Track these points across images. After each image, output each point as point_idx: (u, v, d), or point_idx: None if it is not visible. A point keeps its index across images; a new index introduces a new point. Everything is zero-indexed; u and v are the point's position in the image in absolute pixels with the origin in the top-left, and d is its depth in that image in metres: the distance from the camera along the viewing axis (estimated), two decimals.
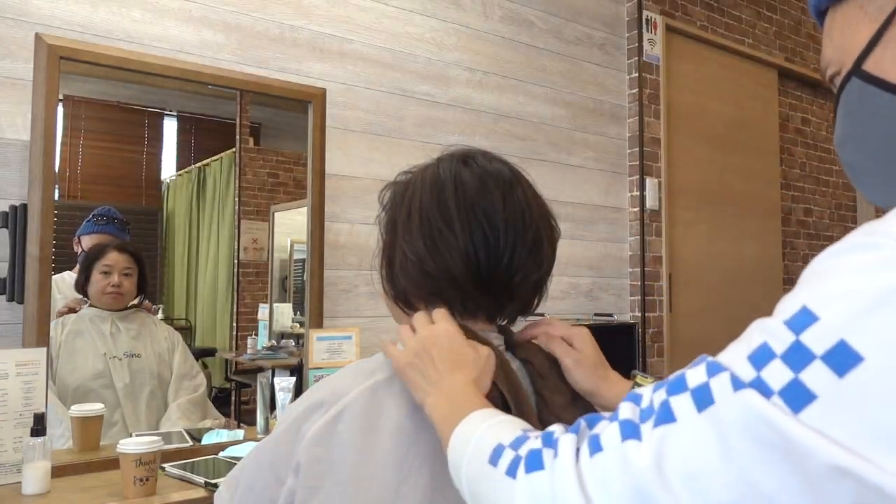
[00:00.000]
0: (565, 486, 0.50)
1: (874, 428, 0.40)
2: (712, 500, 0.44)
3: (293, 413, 0.79)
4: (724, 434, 0.44)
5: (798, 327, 0.43)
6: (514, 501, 0.54)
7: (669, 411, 0.47)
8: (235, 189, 2.11)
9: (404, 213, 0.85)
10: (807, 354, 0.42)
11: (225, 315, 2.13)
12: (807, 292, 0.45)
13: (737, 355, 0.46)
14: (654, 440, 0.47)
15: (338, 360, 1.93)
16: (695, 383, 0.47)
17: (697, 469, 0.44)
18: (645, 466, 0.46)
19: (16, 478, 1.41)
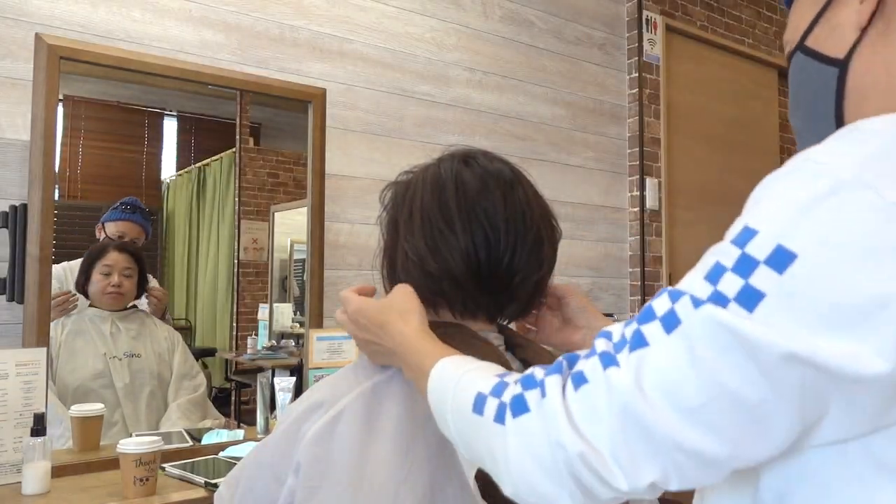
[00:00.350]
0: (556, 423, 0.53)
1: (815, 314, 0.47)
2: (689, 405, 0.49)
3: (293, 413, 0.79)
4: (692, 346, 0.49)
5: (742, 243, 0.50)
6: (507, 446, 0.56)
7: (642, 337, 0.52)
8: (235, 189, 2.11)
9: (405, 212, 0.85)
10: (752, 262, 0.49)
11: (225, 315, 2.13)
12: (748, 216, 0.52)
13: (694, 279, 0.53)
14: (632, 364, 0.51)
15: (338, 360, 1.93)
16: (661, 311, 0.52)
17: (673, 381, 0.50)
18: (627, 388, 0.51)
19: (16, 478, 1.41)
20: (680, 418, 0.49)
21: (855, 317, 0.46)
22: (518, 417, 0.56)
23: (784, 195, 0.50)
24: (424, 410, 0.77)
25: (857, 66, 0.62)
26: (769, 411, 0.48)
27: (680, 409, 0.49)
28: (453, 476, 0.75)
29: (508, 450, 0.56)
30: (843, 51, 0.63)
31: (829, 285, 0.47)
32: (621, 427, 0.51)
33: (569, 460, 0.52)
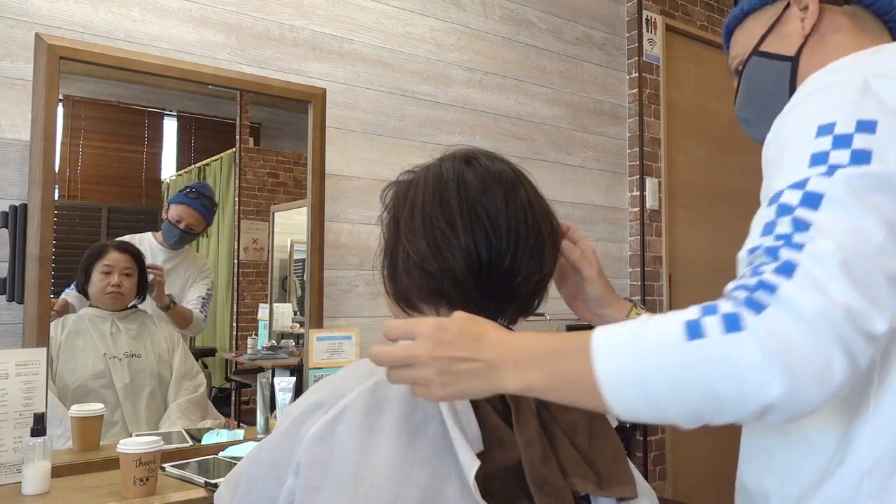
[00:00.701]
0: (804, 300, 0.55)
1: None
2: (876, 240, 0.58)
3: (293, 413, 0.79)
4: (846, 202, 0.59)
5: (828, 132, 0.63)
6: (754, 350, 0.54)
7: (800, 221, 0.59)
8: (235, 189, 2.11)
9: (406, 212, 0.85)
10: (847, 137, 0.62)
11: (225, 315, 2.13)
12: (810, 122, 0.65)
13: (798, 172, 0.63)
14: (815, 235, 0.58)
15: (338, 360, 1.93)
16: (795, 201, 0.61)
17: (852, 228, 0.58)
18: (831, 247, 0.57)
19: (16, 478, 1.41)
20: (877, 254, 0.57)
21: None
22: (761, 314, 0.55)
23: (833, 97, 0.64)
24: (425, 410, 0.77)
25: (804, 62, 0.85)
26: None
27: (873, 247, 0.57)
28: (453, 476, 0.75)
29: (762, 349, 0.54)
30: (793, 51, 0.87)
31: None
32: (852, 280, 0.55)
33: (836, 325, 0.54)
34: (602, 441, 0.85)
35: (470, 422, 0.77)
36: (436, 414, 0.77)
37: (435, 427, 0.76)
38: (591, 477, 0.82)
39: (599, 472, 0.83)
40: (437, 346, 0.65)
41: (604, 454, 0.84)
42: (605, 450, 0.85)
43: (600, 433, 0.86)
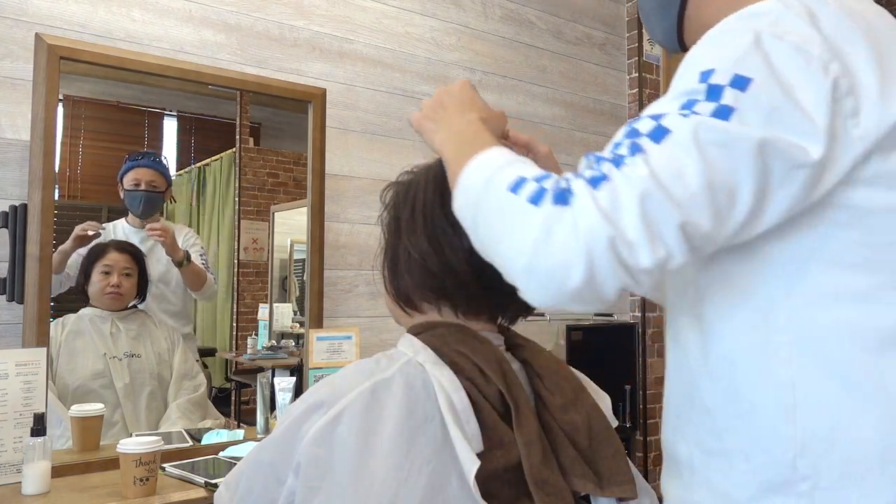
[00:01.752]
0: (587, 213, 0.58)
1: (774, 116, 0.61)
2: (691, 190, 0.59)
3: (293, 413, 0.79)
4: (686, 145, 0.60)
5: (706, 79, 0.63)
6: (536, 225, 0.60)
7: (638, 146, 0.61)
8: (235, 189, 2.11)
9: (407, 212, 0.85)
10: (719, 88, 0.62)
11: (225, 315, 2.13)
12: (694, 65, 0.66)
13: (669, 108, 0.63)
14: (640, 161, 0.60)
15: (338, 360, 1.93)
16: (647, 128, 0.63)
17: (677, 170, 0.59)
18: (644, 178, 0.59)
19: (16, 478, 1.41)
20: (685, 200, 0.59)
21: (799, 117, 0.61)
22: (556, 205, 0.60)
23: (718, 50, 0.65)
24: (425, 410, 0.77)
25: None
26: (739, 194, 0.60)
27: (685, 194, 0.59)
28: (453, 476, 0.75)
29: (534, 229, 0.60)
30: None
31: (779, 97, 0.61)
32: (642, 212, 0.58)
33: (595, 245, 0.58)
34: (602, 441, 0.85)
35: (470, 422, 0.77)
36: (436, 414, 0.77)
37: (435, 427, 0.76)
38: (591, 477, 0.82)
39: (599, 472, 0.83)
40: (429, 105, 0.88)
41: (604, 454, 0.84)
42: (605, 450, 0.85)
43: (600, 433, 0.86)
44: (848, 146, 0.62)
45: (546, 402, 0.85)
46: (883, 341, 0.64)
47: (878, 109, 0.62)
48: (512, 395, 0.81)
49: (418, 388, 0.79)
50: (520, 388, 0.82)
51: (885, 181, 0.64)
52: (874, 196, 0.64)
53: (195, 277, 1.97)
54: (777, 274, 0.67)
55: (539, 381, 0.86)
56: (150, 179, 1.92)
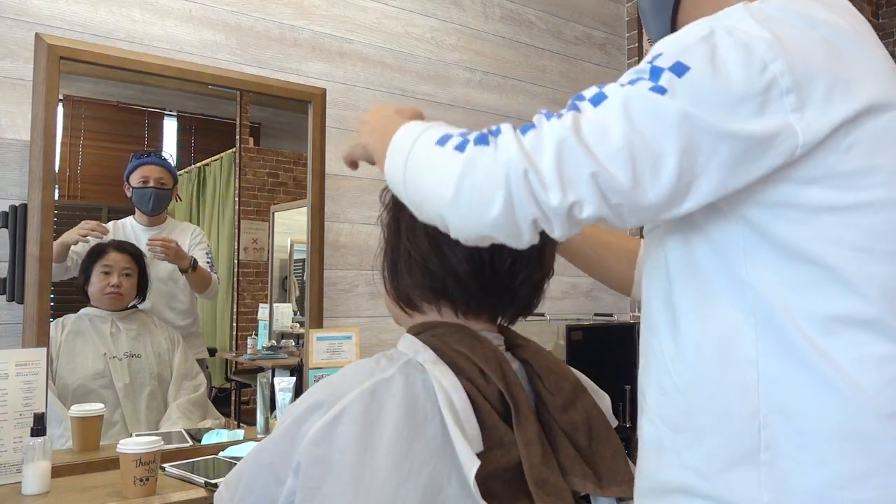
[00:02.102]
0: (508, 149, 0.65)
1: (705, 99, 0.65)
2: (611, 145, 0.64)
3: (293, 413, 0.79)
4: (617, 109, 0.65)
5: (652, 60, 0.68)
6: (462, 165, 0.67)
7: (576, 107, 0.68)
8: (235, 189, 2.11)
9: (407, 212, 0.85)
10: (660, 70, 0.67)
11: (225, 315, 2.13)
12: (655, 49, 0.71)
13: (614, 84, 0.68)
14: (569, 117, 0.66)
15: (338, 360, 1.93)
16: (590, 94, 0.68)
17: (601, 127, 0.65)
18: (566, 128, 0.65)
19: (16, 478, 1.41)
20: (602, 154, 0.64)
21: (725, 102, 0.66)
22: (478, 146, 0.67)
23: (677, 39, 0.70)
24: (425, 410, 0.77)
25: None
26: (663, 161, 0.64)
27: (603, 148, 0.64)
28: (453, 476, 0.75)
29: (458, 166, 0.67)
30: None
31: (712, 86, 0.66)
32: (557, 155, 0.64)
33: (512, 175, 0.64)
34: (602, 441, 0.85)
35: (470, 422, 0.77)
36: (436, 414, 0.77)
37: (435, 427, 0.76)
38: (591, 477, 0.82)
39: (599, 472, 0.83)
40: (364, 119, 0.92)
41: (603, 454, 0.84)
42: (604, 450, 0.85)
43: (600, 433, 0.86)
44: (788, 134, 0.66)
45: (546, 402, 0.85)
46: (830, 327, 0.69)
47: (821, 110, 0.67)
48: (512, 394, 0.81)
49: (418, 388, 0.79)
50: (520, 388, 0.82)
51: (836, 182, 0.68)
52: (826, 195, 0.68)
53: (200, 281, 1.97)
54: (737, 260, 0.72)
55: (539, 380, 0.86)
56: (158, 177, 1.93)
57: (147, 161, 1.91)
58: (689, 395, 0.75)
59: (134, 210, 1.91)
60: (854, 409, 0.67)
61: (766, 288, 0.70)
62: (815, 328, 0.69)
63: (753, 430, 0.70)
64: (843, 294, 0.69)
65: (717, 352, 0.73)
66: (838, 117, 0.67)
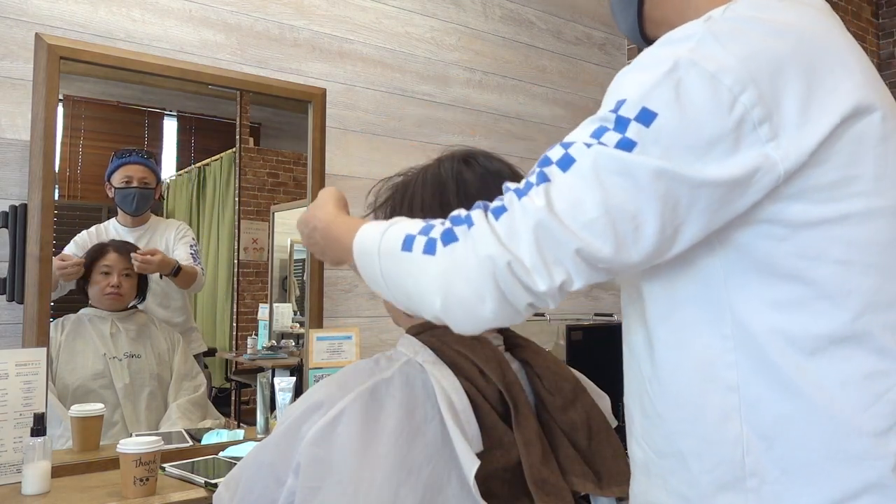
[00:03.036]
0: (485, 242, 0.64)
1: (675, 147, 0.63)
2: (587, 218, 0.63)
3: (293, 414, 0.79)
4: (587, 175, 0.64)
5: (616, 109, 0.66)
6: (436, 270, 0.66)
7: (545, 175, 0.66)
8: (235, 189, 2.11)
9: (405, 212, 0.85)
10: (625, 121, 0.65)
11: (225, 315, 2.13)
12: (615, 93, 0.68)
13: (580, 136, 0.66)
14: (541, 192, 0.64)
15: (338, 360, 1.93)
16: (557, 157, 0.66)
17: (574, 201, 0.64)
18: (539, 208, 0.63)
19: (16, 478, 1.41)
20: (580, 228, 0.63)
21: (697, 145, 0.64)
22: (448, 245, 0.66)
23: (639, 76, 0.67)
24: (424, 410, 0.78)
25: None
26: (643, 220, 0.63)
27: (581, 221, 0.63)
28: (453, 476, 0.75)
29: (438, 273, 0.66)
30: None
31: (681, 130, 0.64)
32: (536, 240, 0.63)
33: (497, 271, 0.63)
34: (601, 441, 0.85)
35: (470, 422, 0.77)
36: (435, 414, 0.77)
37: (435, 427, 0.76)
38: (591, 477, 0.82)
39: (599, 471, 0.83)
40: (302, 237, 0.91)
41: (603, 454, 0.84)
42: (604, 450, 0.85)
43: (600, 433, 0.86)
44: (767, 168, 0.64)
45: (545, 402, 0.85)
46: (816, 346, 0.67)
47: (797, 133, 0.64)
48: (511, 395, 0.81)
49: (418, 389, 0.79)
50: (519, 389, 0.82)
51: (814, 196, 0.66)
52: (806, 210, 0.66)
53: (185, 278, 1.96)
54: (717, 284, 0.70)
55: (538, 381, 0.86)
56: (141, 176, 1.90)
57: (129, 160, 1.88)
58: (670, 420, 0.73)
59: (117, 211, 1.90)
60: (841, 429, 0.66)
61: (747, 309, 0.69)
62: (799, 348, 0.67)
63: (737, 456, 0.69)
64: (827, 310, 0.67)
65: (696, 377, 0.71)
66: (816, 137, 0.65)
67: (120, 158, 1.88)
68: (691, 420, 0.72)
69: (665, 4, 0.86)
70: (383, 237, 0.71)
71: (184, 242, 1.97)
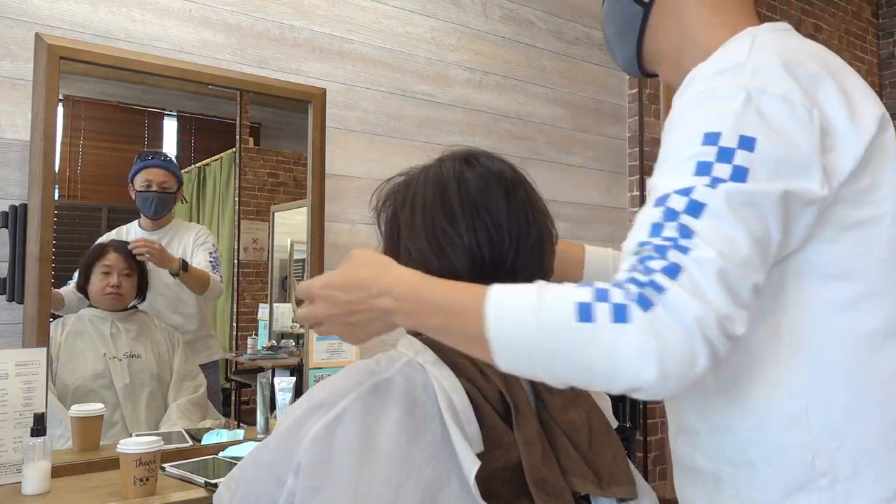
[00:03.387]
0: (689, 304, 0.62)
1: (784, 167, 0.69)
2: (744, 253, 0.65)
3: (293, 414, 0.79)
4: (724, 214, 0.66)
5: (714, 142, 0.69)
6: (637, 342, 0.61)
7: (686, 228, 0.66)
8: (235, 189, 2.11)
9: (407, 213, 0.85)
10: (730, 151, 0.68)
11: (225, 315, 2.13)
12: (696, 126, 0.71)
13: (682, 179, 0.69)
14: (699, 243, 0.65)
15: (338, 360, 1.93)
16: (682, 206, 0.67)
17: (728, 240, 0.65)
18: (713, 257, 0.64)
19: (16, 478, 1.41)
20: (744, 265, 0.65)
21: (800, 163, 0.69)
22: (648, 311, 0.62)
23: (716, 108, 0.71)
24: (425, 411, 0.77)
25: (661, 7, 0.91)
26: (772, 241, 0.68)
27: (741, 258, 0.65)
28: (453, 476, 0.75)
29: (644, 342, 0.61)
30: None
31: (781, 149, 0.69)
32: (725, 289, 0.63)
33: (707, 329, 0.62)
34: (602, 441, 0.85)
35: (470, 422, 0.77)
36: (436, 414, 0.77)
37: (435, 427, 0.76)
38: (591, 477, 0.82)
39: (599, 472, 0.83)
40: (330, 305, 0.75)
41: (603, 454, 0.84)
42: (604, 450, 0.85)
43: (600, 433, 0.86)
44: (834, 178, 0.71)
45: (546, 403, 0.85)
46: (872, 343, 0.72)
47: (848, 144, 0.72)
48: (512, 395, 0.81)
49: (418, 389, 0.79)
50: (519, 389, 0.82)
51: (853, 199, 0.73)
52: (848, 213, 0.72)
53: (195, 282, 1.95)
54: (777, 291, 0.74)
55: (539, 381, 0.86)
56: (161, 180, 1.92)
57: (150, 163, 1.91)
58: (740, 430, 0.77)
59: (139, 214, 1.92)
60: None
61: (806, 313, 0.73)
62: (857, 346, 0.72)
63: (808, 458, 0.73)
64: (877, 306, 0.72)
65: (763, 385, 0.75)
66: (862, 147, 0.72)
67: (142, 161, 1.90)
68: (760, 428, 0.75)
69: (663, 40, 0.92)
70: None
71: (203, 248, 1.98)
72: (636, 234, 0.69)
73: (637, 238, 0.68)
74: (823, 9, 4.06)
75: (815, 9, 4.01)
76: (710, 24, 0.87)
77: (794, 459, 0.73)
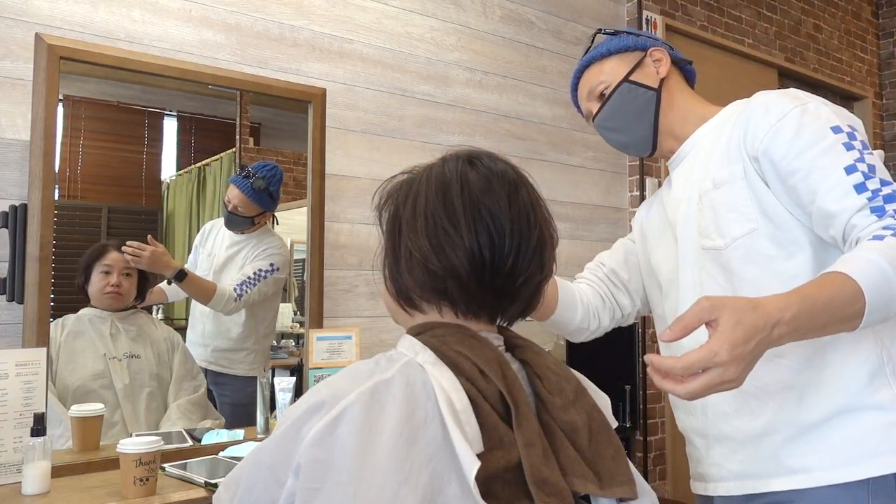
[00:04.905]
0: None
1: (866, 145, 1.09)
2: None
3: (293, 415, 0.79)
4: (883, 170, 1.05)
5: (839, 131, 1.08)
6: None
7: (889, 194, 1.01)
8: None
9: (408, 211, 0.85)
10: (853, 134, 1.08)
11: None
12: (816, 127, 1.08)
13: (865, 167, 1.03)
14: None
15: (338, 360, 1.93)
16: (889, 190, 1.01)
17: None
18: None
19: (16, 478, 1.41)
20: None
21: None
22: None
23: (814, 112, 1.08)
24: (425, 411, 0.77)
25: (664, 93, 1.29)
26: None
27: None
28: (453, 477, 0.75)
29: None
30: (655, 84, 1.29)
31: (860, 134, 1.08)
32: None
33: None
34: (602, 441, 0.85)
35: (470, 422, 0.77)
36: (436, 414, 0.77)
37: (435, 427, 0.76)
38: (591, 477, 0.82)
39: (599, 472, 0.83)
40: (742, 362, 0.82)
41: (603, 454, 0.84)
42: (604, 450, 0.85)
43: (600, 433, 0.86)
44: None
45: (546, 403, 0.85)
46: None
47: None
48: (512, 395, 0.81)
49: (418, 389, 0.79)
50: (520, 389, 0.82)
51: None
52: None
53: (197, 291, 1.94)
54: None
55: (539, 381, 0.86)
56: (236, 203, 2.01)
57: (236, 182, 2.00)
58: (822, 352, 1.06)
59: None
60: None
61: None
62: None
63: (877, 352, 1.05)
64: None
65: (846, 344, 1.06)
66: None
67: (233, 177, 2.00)
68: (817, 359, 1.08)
69: (671, 114, 1.28)
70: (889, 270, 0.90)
71: (252, 265, 2.01)
72: (845, 199, 0.99)
73: (849, 198, 0.99)
74: (823, 9, 4.06)
75: (815, 9, 4.01)
76: (696, 101, 1.30)
77: (868, 354, 1.05)
